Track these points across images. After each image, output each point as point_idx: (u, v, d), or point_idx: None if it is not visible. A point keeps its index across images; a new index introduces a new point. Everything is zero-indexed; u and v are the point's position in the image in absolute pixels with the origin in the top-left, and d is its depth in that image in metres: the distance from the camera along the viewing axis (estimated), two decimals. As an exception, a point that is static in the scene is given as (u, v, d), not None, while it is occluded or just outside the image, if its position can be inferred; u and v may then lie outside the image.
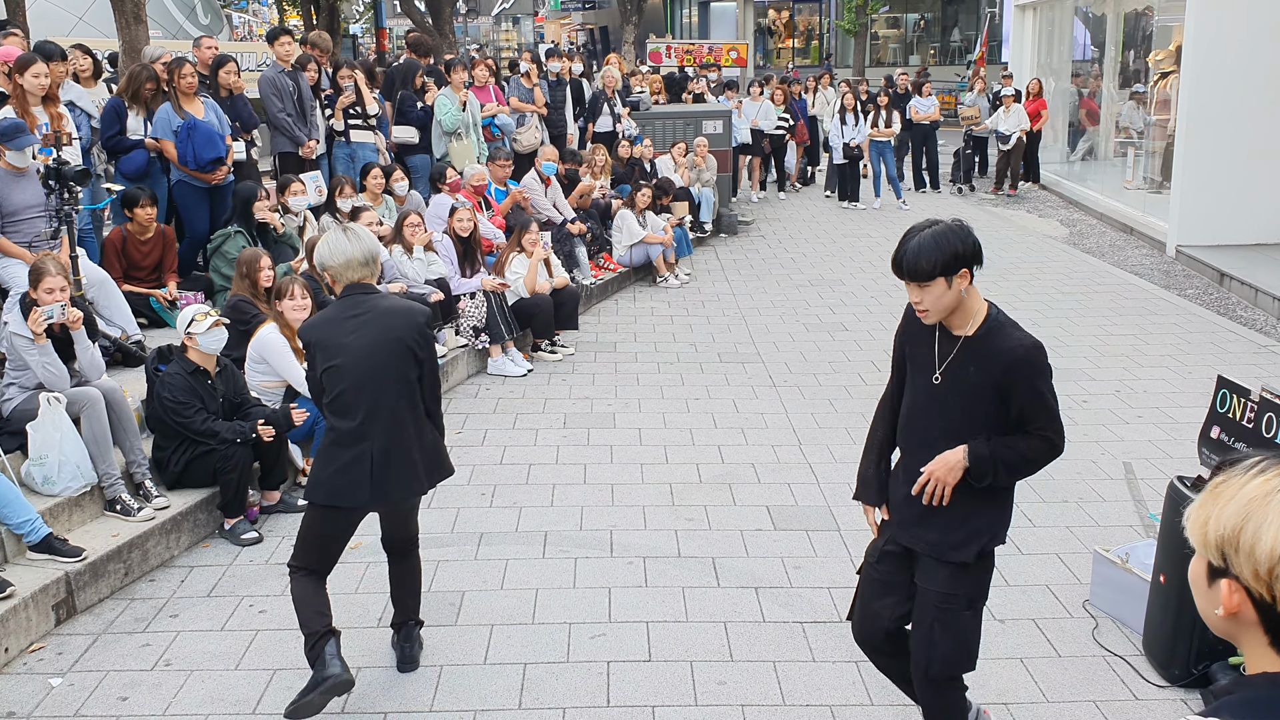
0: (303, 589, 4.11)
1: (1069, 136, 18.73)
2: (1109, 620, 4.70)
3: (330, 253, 4.08)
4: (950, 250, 3.31)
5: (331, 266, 4.10)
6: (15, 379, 5.43)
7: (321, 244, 4.15)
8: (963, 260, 3.32)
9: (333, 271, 4.12)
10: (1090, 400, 7.54)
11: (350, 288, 4.12)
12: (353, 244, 4.08)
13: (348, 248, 4.07)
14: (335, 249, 4.07)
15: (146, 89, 7.99)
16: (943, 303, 3.39)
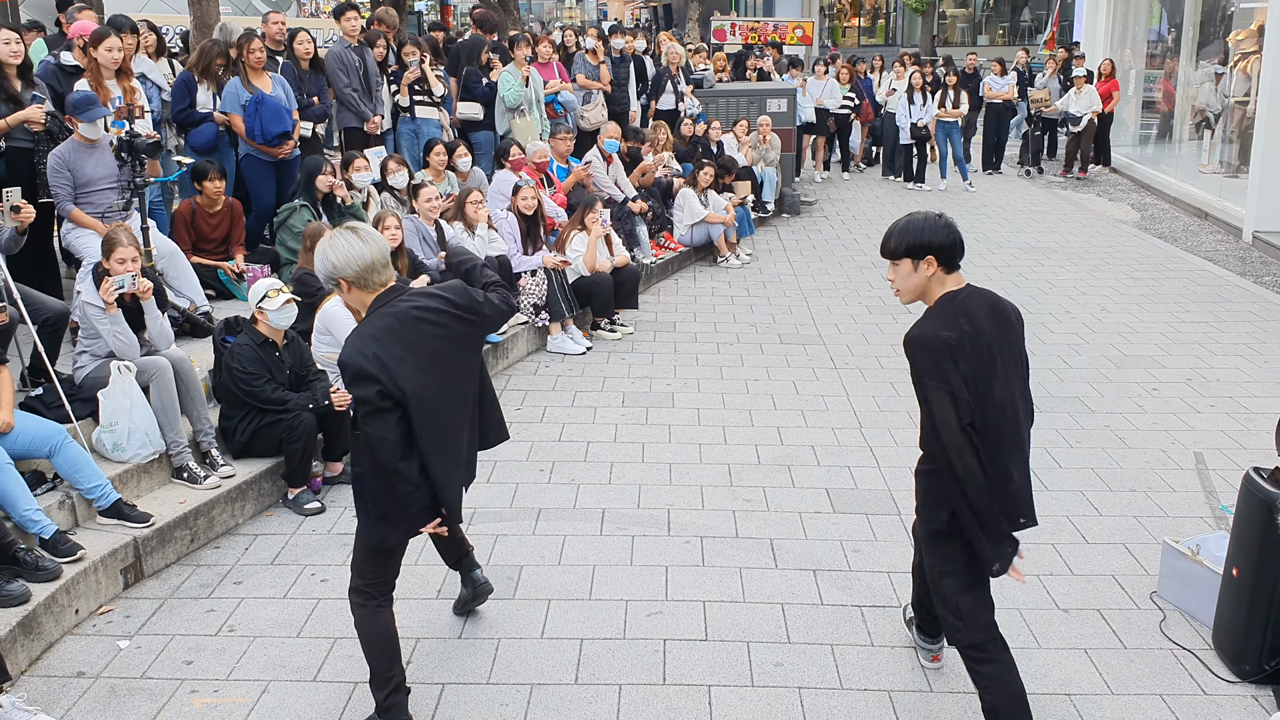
0: (382, 624, 3.84)
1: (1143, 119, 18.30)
2: (1177, 613, 4.60)
3: (345, 259, 3.53)
4: (919, 237, 3.54)
5: (348, 274, 3.54)
6: (87, 347, 5.54)
7: (328, 250, 3.56)
8: (930, 249, 3.52)
9: (355, 277, 3.55)
10: (1161, 388, 7.37)
11: (383, 295, 3.60)
12: (367, 245, 3.56)
13: (363, 251, 3.54)
14: (350, 254, 3.53)
15: (217, 64, 8.09)
16: (908, 284, 3.62)
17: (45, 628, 4.40)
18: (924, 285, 3.59)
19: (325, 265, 3.58)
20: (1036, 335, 8.63)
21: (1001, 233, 12.79)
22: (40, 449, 4.89)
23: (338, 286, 3.63)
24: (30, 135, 6.73)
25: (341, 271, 3.55)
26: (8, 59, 6.62)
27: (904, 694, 4.07)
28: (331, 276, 3.59)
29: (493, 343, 7.87)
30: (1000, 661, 3.55)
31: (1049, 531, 5.34)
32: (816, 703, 4.02)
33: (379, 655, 3.81)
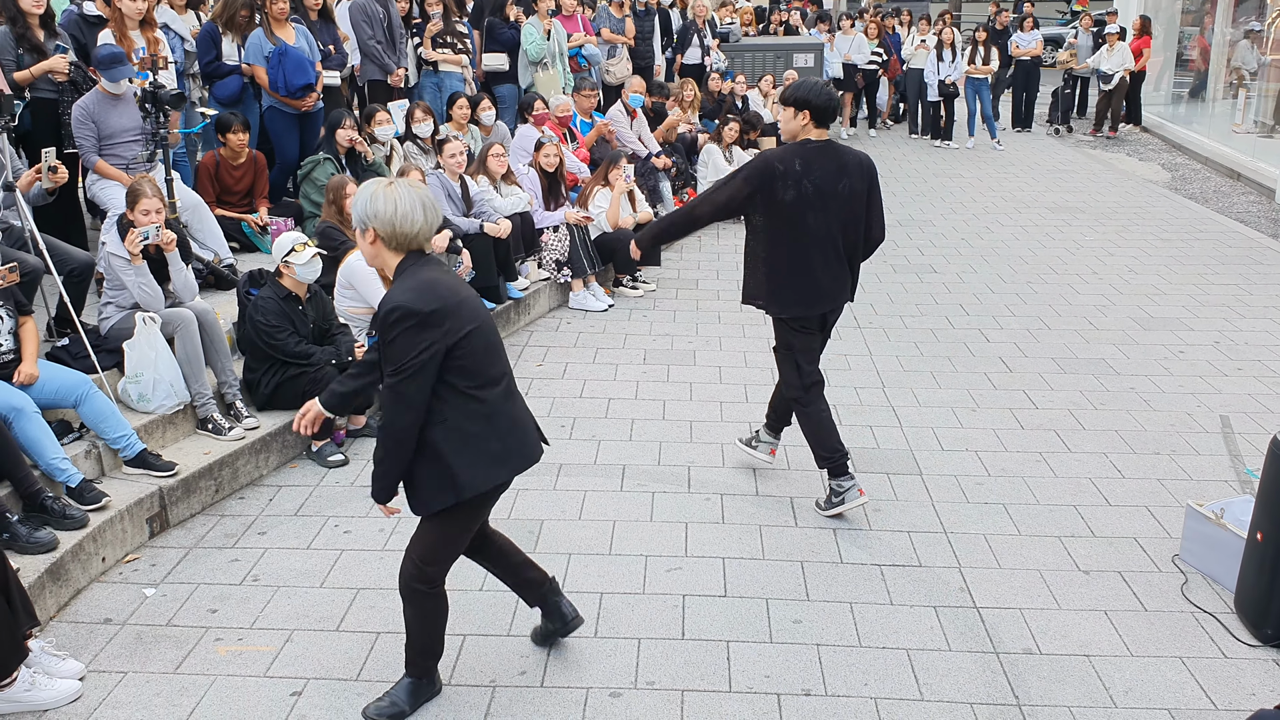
0: (445, 607, 3.75)
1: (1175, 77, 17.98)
2: (1199, 576, 4.58)
3: (398, 214, 3.35)
4: (803, 94, 4.76)
5: (390, 231, 3.36)
6: (113, 298, 5.57)
7: (380, 195, 3.37)
8: (807, 105, 4.75)
9: (388, 235, 3.37)
10: (1187, 351, 7.30)
11: (415, 254, 3.44)
12: (426, 215, 3.39)
13: (419, 219, 3.37)
14: (406, 213, 3.35)
15: (241, 15, 8.05)
16: (788, 128, 4.86)
17: (73, 575, 4.46)
18: (797, 131, 4.81)
19: (368, 208, 3.36)
20: (1062, 296, 8.56)
21: (1029, 192, 12.65)
22: (66, 399, 4.93)
23: (364, 232, 3.42)
24: (54, 86, 6.73)
25: (379, 222, 3.35)
26: (30, 9, 6.60)
27: (923, 653, 4.07)
28: (367, 222, 3.38)
29: (514, 298, 7.87)
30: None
31: (1071, 493, 5.32)
32: (834, 659, 4.03)
33: (435, 633, 3.74)
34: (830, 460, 5.04)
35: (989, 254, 9.91)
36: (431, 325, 3.28)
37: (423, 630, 3.71)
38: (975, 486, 5.40)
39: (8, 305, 4.91)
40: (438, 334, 3.29)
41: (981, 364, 7.11)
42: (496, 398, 3.48)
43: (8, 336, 4.87)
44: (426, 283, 3.34)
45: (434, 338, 3.29)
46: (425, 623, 3.70)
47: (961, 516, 5.11)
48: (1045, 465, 5.64)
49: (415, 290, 3.32)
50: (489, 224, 7.60)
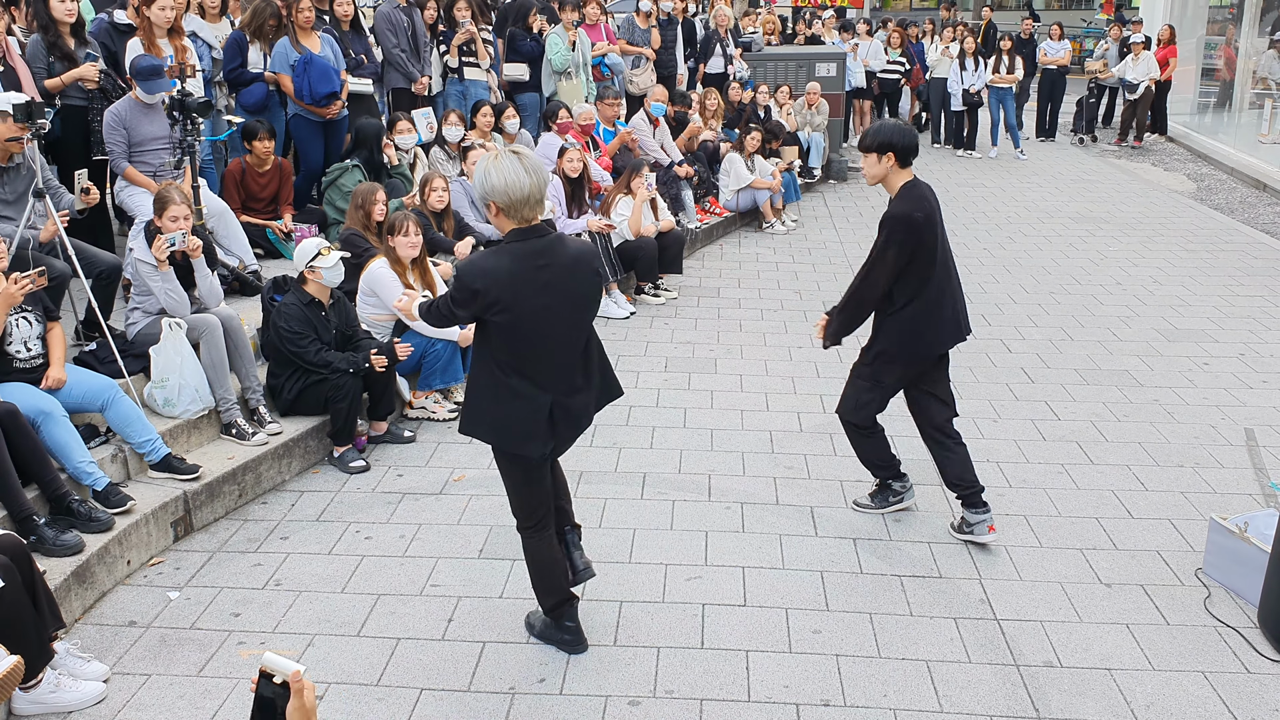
0: (546, 549, 4.07)
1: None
2: (1222, 590, 4.55)
3: (506, 185, 3.61)
4: (886, 137, 4.68)
5: (506, 201, 3.64)
6: (139, 304, 5.63)
7: (491, 170, 3.63)
8: (891, 147, 4.67)
9: (506, 205, 3.65)
10: (1212, 363, 7.25)
11: (525, 231, 3.70)
12: (531, 177, 3.64)
13: (526, 181, 3.62)
14: (513, 182, 3.60)
15: (269, 24, 8.12)
16: (873, 172, 4.80)
17: (98, 577, 4.51)
18: (883, 174, 4.75)
19: (484, 184, 3.66)
20: (1086, 307, 8.52)
21: (1053, 201, 12.60)
22: (93, 403, 4.99)
23: (487, 207, 3.72)
24: (84, 93, 6.82)
25: (495, 195, 3.64)
26: (62, 17, 6.69)
27: (942, 664, 4.06)
28: (486, 197, 3.68)
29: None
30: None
31: (1093, 505, 5.29)
32: (854, 670, 4.03)
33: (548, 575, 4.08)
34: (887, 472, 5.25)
35: (1011, 264, 9.88)
36: (467, 304, 3.69)
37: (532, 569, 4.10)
38: (997, 497, 5.38)
39: (36, 311, 4.97)
40: (473, 309, 3.69)
41: (1003, 374, 7.09)
42: (523, 388, 3.78)
43: (36, 341, 4.93)
44: (508, 268, 3.66)
45: (467, 311, 3.73)
46: (530, 564, 4.10)
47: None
48: (1067, 477, 5.61)
49: (491, 267, 3.67)
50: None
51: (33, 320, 4.93)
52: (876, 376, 4.95)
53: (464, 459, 5.84)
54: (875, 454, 5.15)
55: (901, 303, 4.76)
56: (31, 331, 4.91)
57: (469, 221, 7.56)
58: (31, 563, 3.84)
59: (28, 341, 4.89)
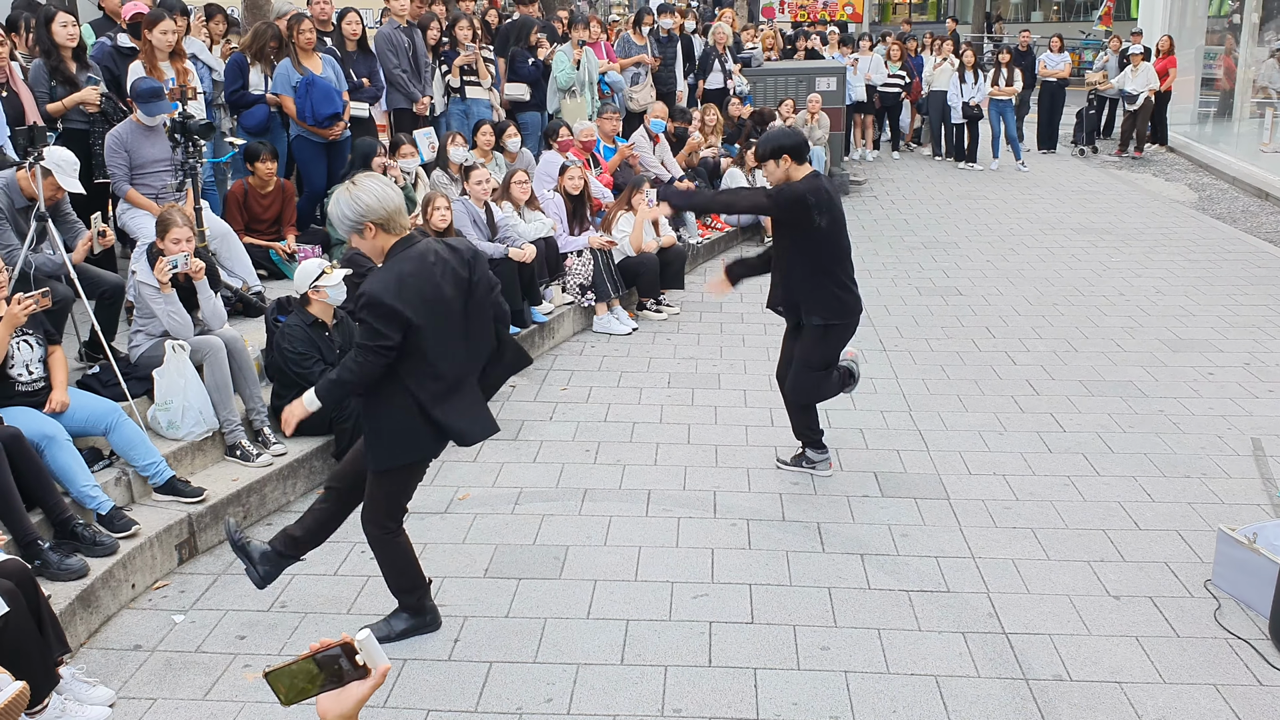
0: (405, 548, 4.34)
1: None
2: (1232, 602, 4.52)
3: (378, 201, 3.84)
4: (776, 142, 5.29)
5: (383, 215, 3.86)
6: (142, 326, 5.63)
7: (357, 194, 3.83)
8: (784, 150, 5.26)
9: (384, 219, 3.87)
10: (1217, 373, 7.23)
11: (406, 240, 3.95)
12: (393, 190, 3.90)
13: (392, 192, 3.89)
14: (385, 197, 3.85)
15: (270, 46, 8.15)
16: (774, 176, 5.35)
17: (103, 601, 4.50)
18: (785, 176, 5.29)
19: (357, 207, 3.83)
20: (1089, 318, 8.51)
21: (1055, 213, 12.60)
22: (96, 426, 4.98)
23: (361, 232, 3.87)
24: (86, 117, 6.84)
25: (373, 213, 3.83)
26: (64, 42, 6.72)
27: (952, 679, 4.04)
28: (361, 219, 3.84)
29: (539, 322, 7.90)
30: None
31: (1100, 517, 5.27)
32: (863, 687, 4.00)
33: (407, 571, 4.32)
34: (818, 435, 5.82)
35: (1014, 276, 9.88)
36: (392, 321, 3.83)
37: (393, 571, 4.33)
38: (1003, 511, 5.36)
39: (37, 334, 4.97)
40: (399, 324, 3.83)
41: (1008, 387, 7.07)
42: (450, 382, 4.05)
43: (38, 365, 4.93)
44: (397, 279, 3.86)
45: (395, 330, 3.84)
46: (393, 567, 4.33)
47: (989, 541, 5.07)
48: (1074, 489, 5.59)
49: (390, 279, 3.85)
50: (514, 249, 7.65)
51: (34, 343, 4.93)
52: (826, 356, 5.58)
53: (469, 478, 5.83)
54: (811, 424, 5.79)
55: (831, 272, 5.42)
56: (33, 355, 4.91)
57: (471, 240, 7.57)
58: (36, 587, 3.83)
59: (29, 365, 4.89)
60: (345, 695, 1.86)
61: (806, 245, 5.39)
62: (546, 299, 8.17)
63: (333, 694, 1.86)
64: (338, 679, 1.86)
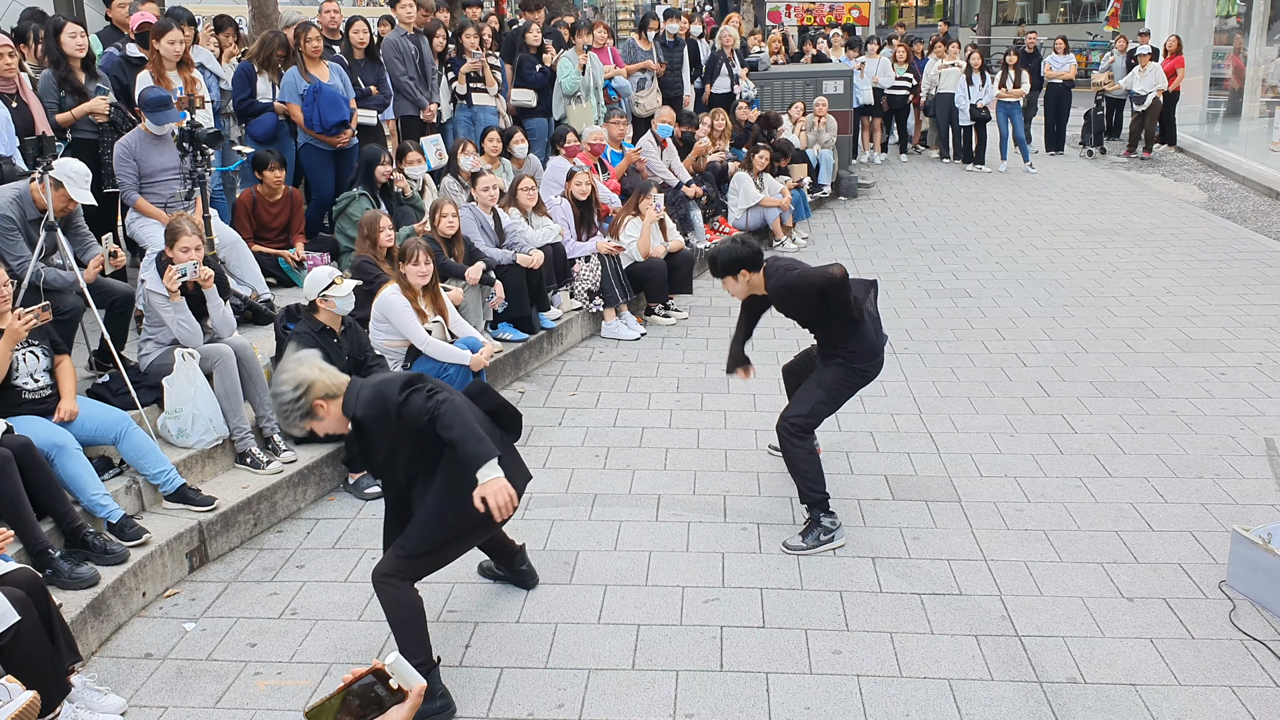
0: (415, 602, 3.99)
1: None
2: (1247, 603, 4.49)
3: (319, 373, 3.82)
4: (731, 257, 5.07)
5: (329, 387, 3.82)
6: (152, 335, 5.64)
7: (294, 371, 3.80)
8: (741, 264, 5.06)
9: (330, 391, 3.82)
10: (1229, 373, 7.19)
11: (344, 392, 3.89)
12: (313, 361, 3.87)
13: (303, 365, 3.83)
14: (296, 373, 3.80)
15: (277, 54, 8.18)
16: (737, 289, 5.19)
17: (114, 610, 4.50)
18: (747, 288, 5.15)
19: (303, 396, 3.76)
20: (1099, 319, 8.48)
21: (1063, 215, 12.57)
22: (106, 436, 4.99)
23: (315, 412, 3.81)
24: (95, 127, 6.87)
25: (318, 392, 3.78)
26: (73, 52, 6.74)
27: (965, 682, 4.02)
28: (311, 400, 3.78)
29: (547, 328, 7.90)
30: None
31: (1113, 519, 5.24)
32: (875, 690, 3.98)
33: (416, 627, 3.95)
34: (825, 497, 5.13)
35: (1024, 278, 9.84)
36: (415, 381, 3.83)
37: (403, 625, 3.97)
38: (1015, 513, 5.34)
39: (43, 345, 4.97)
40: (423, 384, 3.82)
41: (1019, 388, 7.05)
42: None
43: (43, 374, 4.93)
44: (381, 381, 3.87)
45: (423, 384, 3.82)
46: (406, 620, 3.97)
47: (1001, 544, 5.05)
48: (1086, 490, 5.56)
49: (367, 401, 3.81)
50: (521, 255, 7.65)
51: (39, 354, 4.94)
52: (842, 387, 5.19)
53: (478, 484, 5.81)
54: (813, 470, 5.12)
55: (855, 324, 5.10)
56: (39, 365, 4.92)
57: (479, 247, 7.57)
58: (47, 596, 3.84)
59: (34, 374, 4.90)
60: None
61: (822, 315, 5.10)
62: (555, 305, 8.17)
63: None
64: (378, 706, 1.87)
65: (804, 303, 5.02)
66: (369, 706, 1.87)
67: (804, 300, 5.00)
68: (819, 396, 5.12)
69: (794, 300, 5.05)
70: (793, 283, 4.98)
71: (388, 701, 1.87)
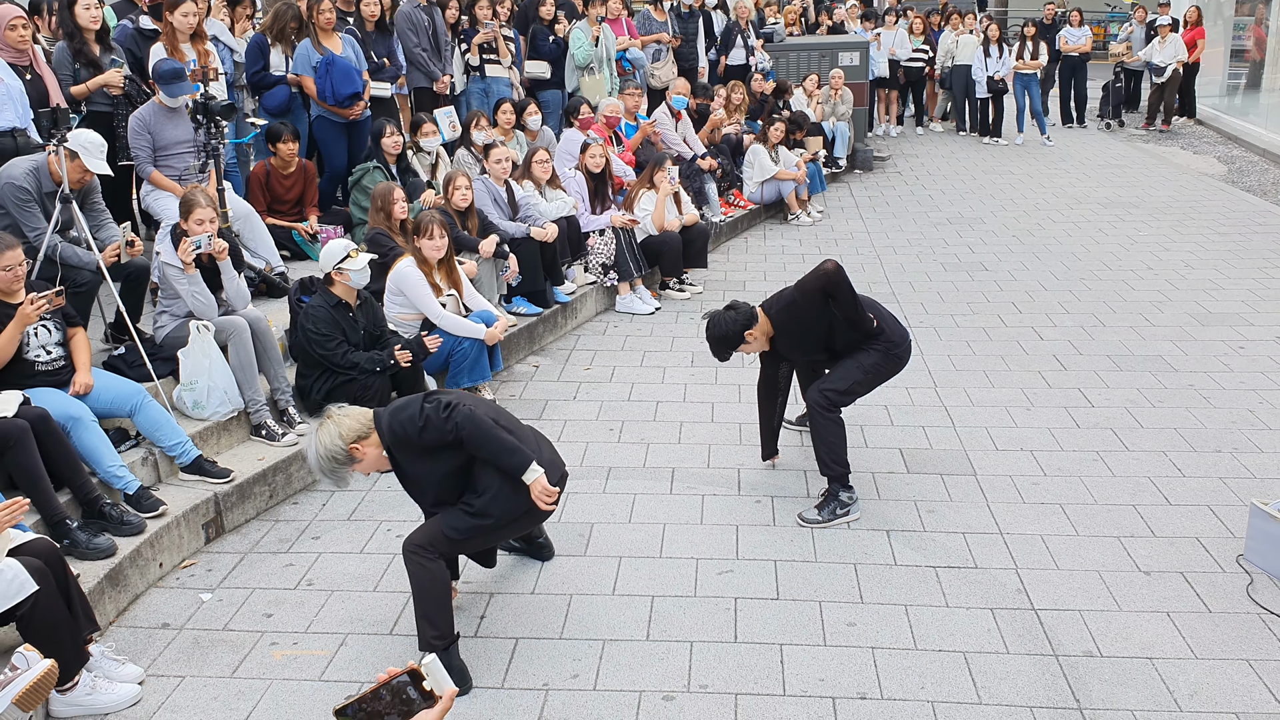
0: (443, 578, 3.99)
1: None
2: (1265, 577, 4.47)
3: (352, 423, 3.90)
4: (726, 331, 5.04)
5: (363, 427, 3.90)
6: (167, 307, 5.65)
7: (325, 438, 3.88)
8: (746, 328, 5.01)
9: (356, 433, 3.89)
10: (1248, 347, 7.14)
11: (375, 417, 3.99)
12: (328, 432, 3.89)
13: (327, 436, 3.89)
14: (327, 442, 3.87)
15: (290, 27, 8.14)
16: (754, 346, 5.11)
17: (131, 580, 4.53)
18: (763, 340, 5.09)
19: (337, 445, 3.85)
20: (1117, 293, 8.42)
21: (1081, 187, 12.46)
22: (121, 408, 5.00)
23: (354, 457, 3.88)
24: (109, 99, 6.86)
25: (349, 435, 3.86)
26: (87, 25, 6.73)
27: (980, 655, 4.01)
28: (342, 452, 3.86)
29: (561, 302, 7.88)
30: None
31: (1130, 492, 5.22)
32: (890, 663, 3.98)
33: (442, 600, 3.94)
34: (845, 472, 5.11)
35: (1041, 251, 9.77)
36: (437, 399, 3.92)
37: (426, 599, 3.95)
38: (1031, 486, 5.31)
39: (55, 318, 4.97)
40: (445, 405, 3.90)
41: (1035, 362, 7.01)
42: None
43: (55, 347, 4.93)
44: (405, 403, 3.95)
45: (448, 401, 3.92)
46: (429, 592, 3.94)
47: (1017, 517, 5.03)
48: (1103, 464, 5.54)
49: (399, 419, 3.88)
50: (535, 228, 7.62)
51: (51, 328, 4.92)
52: (879, 372, 5.12)
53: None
54: (840, 444, 5.09)
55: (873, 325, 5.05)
56: (50, 338, 4.91)
57: (493, 219, 7.55)
58: (65, 566, 3.86)
59: (46, 347, 4.89)
60: None
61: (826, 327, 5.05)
62: (569, 279, 8.14)
63: None
64: (407, 708, 1.85)
65: (812, 317, 4.95)
66: (399, 707, 1.86)
67: (811, 315, 4.94)
68: (857, 377, 5.06)
69: (803, 320, 4.98)
70: (792, 298, 4.98)
71: (418, 705, 1.86)
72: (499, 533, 4.09)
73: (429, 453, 3.87)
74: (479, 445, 3.84)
